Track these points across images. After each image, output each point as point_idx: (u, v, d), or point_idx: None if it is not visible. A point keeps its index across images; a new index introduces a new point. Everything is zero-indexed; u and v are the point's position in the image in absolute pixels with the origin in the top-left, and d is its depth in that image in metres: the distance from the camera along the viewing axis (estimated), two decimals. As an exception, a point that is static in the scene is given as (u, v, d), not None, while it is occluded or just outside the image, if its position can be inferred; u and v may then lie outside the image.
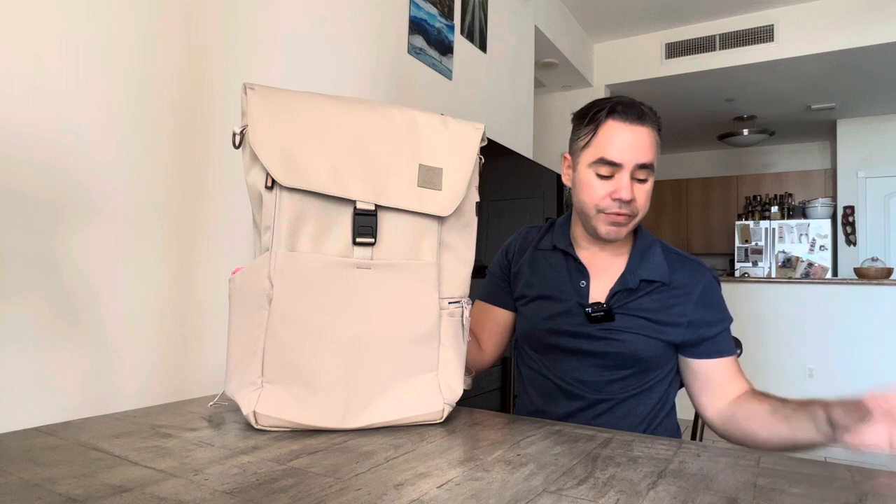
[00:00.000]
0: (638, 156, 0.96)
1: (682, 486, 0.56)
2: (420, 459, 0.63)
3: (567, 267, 1.08)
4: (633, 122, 0.97)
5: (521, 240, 1.18)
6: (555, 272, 1.09)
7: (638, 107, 0.98)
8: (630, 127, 0.97)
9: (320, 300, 0.71)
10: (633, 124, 0.97)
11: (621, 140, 0.97)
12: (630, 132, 0.97)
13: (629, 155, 0.96)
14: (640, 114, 0.98)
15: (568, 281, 1.07)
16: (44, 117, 0.91)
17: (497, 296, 1.17)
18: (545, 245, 1.13)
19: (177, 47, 1.12)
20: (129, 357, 1.02)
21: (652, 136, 0.98)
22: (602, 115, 0.99)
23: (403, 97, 1.90)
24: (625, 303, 1.02)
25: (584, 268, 1.06)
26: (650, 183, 1.00)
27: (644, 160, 0.97)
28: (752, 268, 6.03)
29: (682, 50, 4.13)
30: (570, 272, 1.08)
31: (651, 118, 0.99)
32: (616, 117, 0.97)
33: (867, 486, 0.57)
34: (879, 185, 5.72)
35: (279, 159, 0.69)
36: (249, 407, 0.70)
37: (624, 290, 1.02)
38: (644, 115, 0.98)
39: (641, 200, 1.00)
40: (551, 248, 1.11)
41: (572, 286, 1.06)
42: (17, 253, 0.87)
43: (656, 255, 1.05)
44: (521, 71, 2.91)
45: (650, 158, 0.97)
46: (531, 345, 1.09)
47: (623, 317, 1.01)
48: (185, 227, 1.13)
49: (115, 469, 0.57)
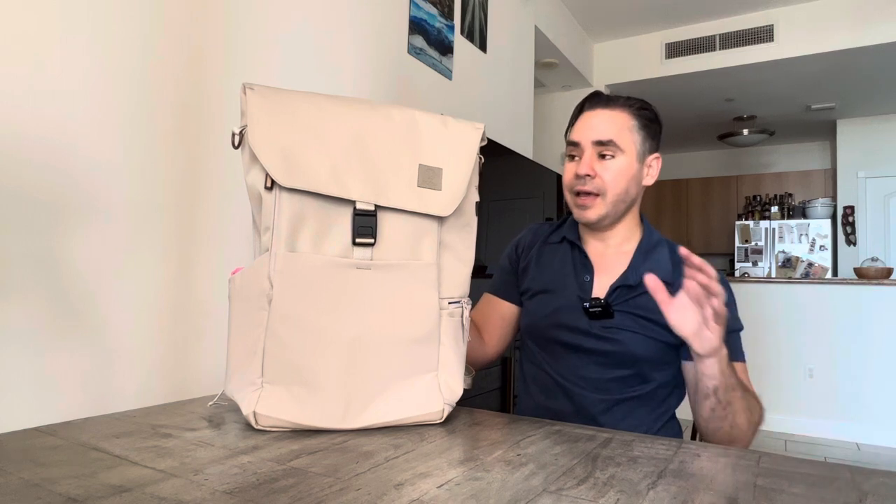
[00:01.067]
0: (594, 133, 1.03)
1: (682, 486, 0.56)
2: (420, 459, 0.63)
3: (573, 260, 1.09)
4: (598, 108, 1.05)
5: (531, 234, 1.19)
6: (560, 265, 1.10)
7: (606, 95, 1.07)
8: (595, 111, 1.05)
9: (320, 300, 0.71)
10: (597, 109, 1.05)
11: (583, 122, 1.06)
12: (592, 115, 1.05)
13: (586, 133, 1.04)
14: (607, 100, 1.06)
15: (572, 275, 1.08)
16: (44, 117, 0.91)
17: (503, 289, 1.18)
18: (554, 238, 1.14)
19: (177, 47, 1.12)
20: (129, 357, 1.02)
21: (618, 116, 1.03)
22: (577, 110, 1.09)
23: (403, 97, 1.90)
24: (625, 300, 1.01)
25: (590, 262, 1.07)
26: (618, 162, 1.02)
27: (600, 136, 1.02)
28: (752, 268, 6.03)
29: (682, 50, 4.13)
30: (574, 266, 1.08)
31: (621, 103, 1.05)
32: (586, 108, 1.07)
33: (867, 486, 0.57)
34: (879, 185, 5.72)
35: (279, 159, 0.69)
36: (249, 407, 0.70)
37: (624, 287, 1.02)
38: (612, 100, 1.05)
39: (607, 177, 1.02)
40: (560, 240, 1.13)
41: (576, 280, 1.06)
42: (17, 253, 0.87)
43: (662, 255, 1.05)
44: (521, 71, 2.91)
45: (608, 135, 1.02)
46: (533, 339, 1.10)
47: (623, 315, 1.00)
48: (185, 227, 1.13)
49: (115, 469, 0.57)
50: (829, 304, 3.84)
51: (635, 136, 1.04)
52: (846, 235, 5.79)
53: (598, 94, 1.08)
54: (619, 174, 1.02)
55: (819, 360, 3.86)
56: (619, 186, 1.02)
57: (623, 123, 1.03)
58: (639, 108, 1.05)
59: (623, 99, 1.06)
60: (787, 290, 3.97)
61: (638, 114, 1.05)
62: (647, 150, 1.07)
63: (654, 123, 1.08)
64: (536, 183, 2.87)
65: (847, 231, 5.79)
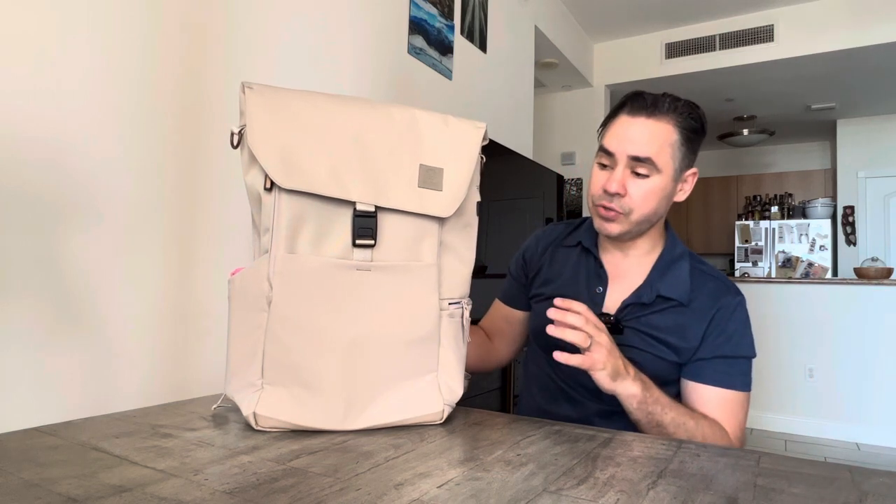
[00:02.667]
0: (630, 147, 0.92)
1: (682, 486, 0.56)
2: (420, 459, 0.63)
3: (587, 268, 1.05)
4: (639, 115, 0.93)
5: (541, 240, 1.15)
6: (573, 272, 1.06)
7: (649, 99, 0.94)
8: (634, 119, 0.93)
9: (320, 302, 0.71)
10: (638, 116, 0.93)
11: (621, 130, 0.94)
12: (631, 123, 0.93)
13: (622, 145, 0.93)
14: (651, 107, 0.93)
15: (584, 284, 1.03)
16: (44, 117, 0.91)
17: (511, 296, 1.17)
18: (570, 242, 1.09)
19: (177, 47, 1.12)
20: (129, 357, 1.02)
21: (660, 129, 0.93)
22: (616, 110, 0.98)
23: (403, 97, 1.90)
24: (636, 317, 0.97)
25: (605, 272, 1.02)
26: (653, 182, 0.93)
27: (637, 152, 0.92)
28: (752, 268, 6.03)
29: (682, 50, 4.13)
30: (588, 275, 1.04)
31: (665, 110, 0.93)
32: (626, 110, 0.95)
33: (867, 486, 0.57)
34: (879, 185, 5.72)
35: (278, 160, 0.69)
36: (249, 408, 0.70)
37: (636, 304, 0.97)
38: (656, 107, 0.93)
39: (636, 197, 0.93)
40: (576, 244, 1.08)
41: (588, 291, 1.02)
42: (17, 253, 0.87)
43: (681, 271, 0.98)
44: (521, 71, 2.91)
45: (647, 152, 0.92)
46: (540, 343, 1.08)
47: (633, 333, 0.96)
48: (185, 227, 1.13)
49: (115, 469, 0.57)
50: (829, 304, 3.84)
51: (676, 152, 0.94)
52: (846, 235, 5.80)
53: (640, 95, 0.95)
54: (651, 194, 0.94)
55: (819, 360, 3.86)
56: (648, 207, 0.94)
57: (665, 139, 0.93)
58: (685, 118, 0.94)
59: (668, 103, 0.94)
60: (787, 290, 3.97)
61: (683, 125, 0.94)
62: (686, 167, 0.98)
63: (698, 135, 0.97)
64: (536, 183, 2.87)
65: (847, 231, 5.79)
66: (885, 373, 3.68)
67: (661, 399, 0.87)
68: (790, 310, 3.94)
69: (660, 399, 0.87)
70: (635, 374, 0.86)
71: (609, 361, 0.82)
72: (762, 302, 4.02)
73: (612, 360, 0.83)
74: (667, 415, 0.87)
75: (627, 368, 0.85)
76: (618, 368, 0.84)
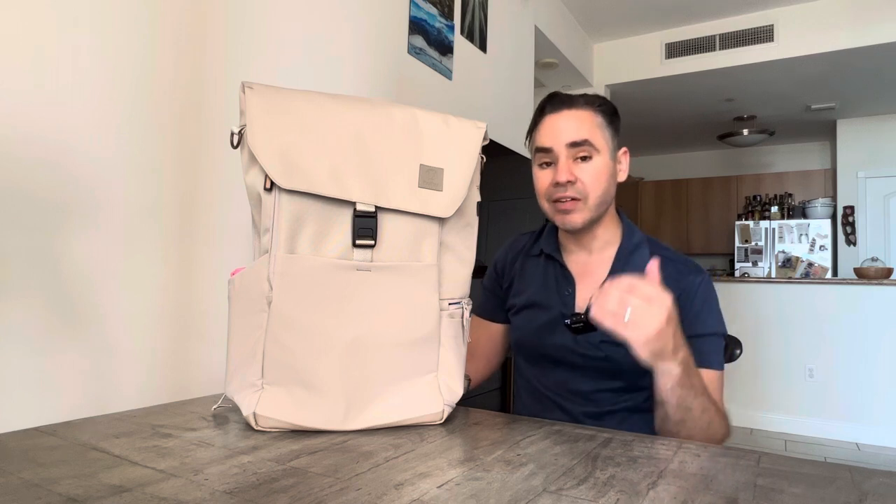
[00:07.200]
0: (566, 136, 0.98)
1: (682, 486, 0.56)
2: (420, 459, 0.63)
3: (554, 274, 1.06)
4: (561, 109, 1.00)
5: (509, 252, 1.17)
6: (542, 279, 1.07)
7: (565, 95, 1.02)
8: (559, 114, 1.00)
9: (320, 302, 0.71)
10: (562, 111, 1.00)
11: (552, 126, 1.00)
12: (559, 117, 1.00)
13: (558, 137, 0.98)
14: (569, 101, 1.01)
15: (554, 289, 1.05)
16: (44, 117, 0.91)
17: (488, 310, 1.18)
18: (535, 251, 1.11)
19: (176, 47, 1.12)
20: (129, 357, 1.02)
21: (584, 115, 0.99)
22: (538, 115, 1.04)
23: (403, 97, 1.90)
24: None
25: (570, 273, 1.04)
26: (596, 162, 0.98)
27: (574, 137, 0.97)
28: (751, 268, 6.03)
29: (682, 50, 4.13)
30: (556, 280, 1.06)
31: (582, 102, 1.01)
32: (548, 109, 1.02)
33: (867, 486, 0.57)
34: (879, 185, 5.72)
35: (278, 160, 0.69)
36: (249, 408, 0.70)
37: None
38: (573, 100, 1.01)
39: (588, 180, 0.97)
40: (538, 253, 1.10)
41: (558, 294, 1.04)
42: (17, 253, 0.87)
43: (642, 259, 1.00)
44: (521, 71, 2.91)
45: (582, 135, 0.97)
46: (522, 354, 1.09)
47: None
48: (185, 227, 1.13)
49: (115, 469, 0.57)
50: (829, 304, 3.84)
51: (605, 132, 1.00)
52: (846, 235, 5.79)
53: (556, 94, 1.03)
54: (599, 174, 0.98)
55: (819, 360, 3.86)
56: (600, 188, 0.98)
57: (591, 121, 0.99)
58: (599, 105, 1.01)
59: (581, 97, 1.02)
60: (787, 290, 3.97)
61: (601, 110, 1.01)
62: (616, 146, 1.03)
63: (616, 117, 1.04)
64: (536, 183, 2.87)
65: (847, 231, 5.79)
66: (885, 373, 3.68)
67: (696, 385, 0.84)
68: (790, 310, 3.94)
69: (696, 385, 0.84)
70: (684, 357, 0.80)
71: (650, 343, 0.76)
72: (762, 302, 4.02)
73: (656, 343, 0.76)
74: (697, 399, 0.84)
75: (676, 353, 0.79)
76: (662, 351, 0.77)
